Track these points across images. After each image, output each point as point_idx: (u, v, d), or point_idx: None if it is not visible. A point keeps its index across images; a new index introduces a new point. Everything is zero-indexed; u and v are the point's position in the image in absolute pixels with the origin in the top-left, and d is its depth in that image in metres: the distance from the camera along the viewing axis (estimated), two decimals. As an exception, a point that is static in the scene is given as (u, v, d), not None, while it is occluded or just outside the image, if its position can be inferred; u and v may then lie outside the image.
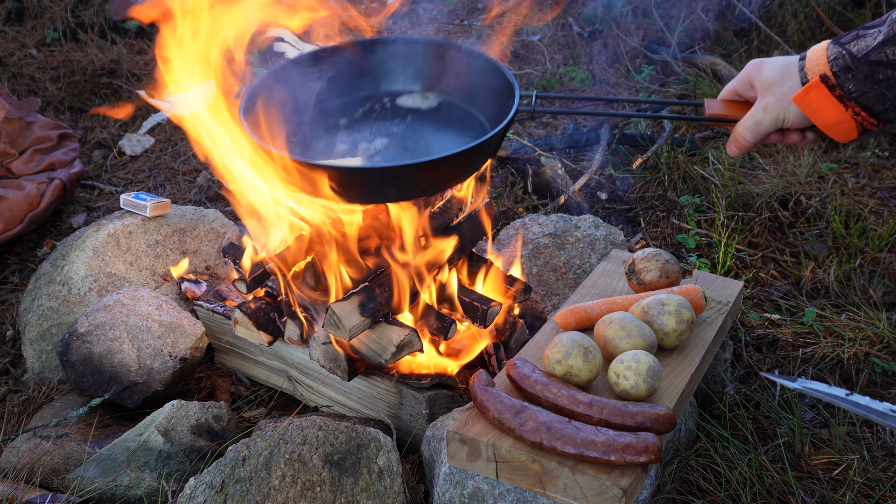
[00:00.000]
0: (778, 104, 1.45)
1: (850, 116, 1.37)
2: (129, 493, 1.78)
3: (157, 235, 2.42)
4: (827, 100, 1.37)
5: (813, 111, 1.40)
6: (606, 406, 1.51)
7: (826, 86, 1.36)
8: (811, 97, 1.39)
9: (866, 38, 1.33)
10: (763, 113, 1.47)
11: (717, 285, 2.02)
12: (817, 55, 1.39)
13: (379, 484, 1.69)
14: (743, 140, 1.52)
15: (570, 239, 2.41)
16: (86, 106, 4.00)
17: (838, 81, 1.35)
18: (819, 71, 1.37)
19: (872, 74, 1.31)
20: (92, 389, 2.01)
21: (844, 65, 1.34)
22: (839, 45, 1.36)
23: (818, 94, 1.38)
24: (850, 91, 1.34)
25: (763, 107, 1.47)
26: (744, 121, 1.51)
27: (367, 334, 1.90)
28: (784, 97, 1.44)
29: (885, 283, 2.60)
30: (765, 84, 1.47)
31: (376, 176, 1.74)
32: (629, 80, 4.15)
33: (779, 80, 1.45)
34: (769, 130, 1.49)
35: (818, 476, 1.90)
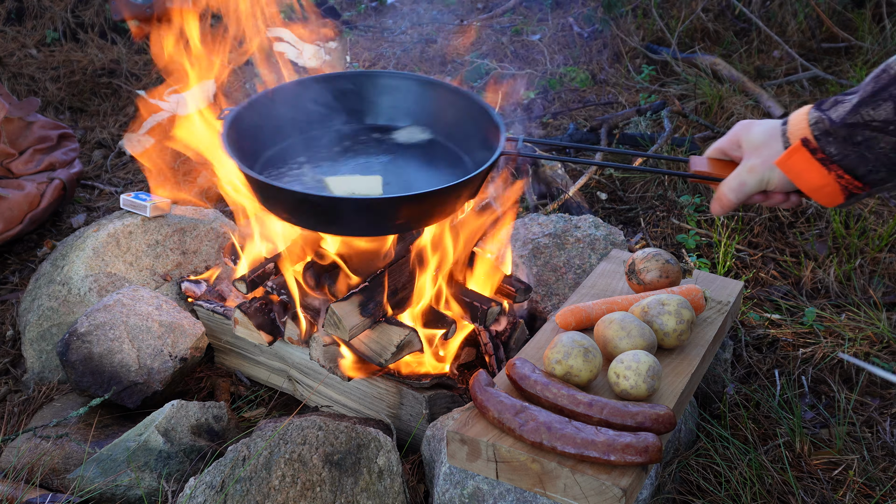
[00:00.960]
0: (763, 166, 1.45)
1: (834, 179, 1.37)
2: (129, 493, 1.78)
3: (157, 235, 2.42)
4: (809, 163, 1.38)
5: (796, 175, 1.40)
6: (606, 406, 1.51)
7: (808, 149, 1.37)
8: (793, 161, 1.39)
9: (844, 103, 1.34)
10: (748, 174, 1.47)
11: (717, 285, 2.03)
12: (799, 119, 1.40)
13: (379, 484, 1.69)
14: (726, 199, 1.52)
15: (570, 239, 2.41)
16: (86, 106, 4.00)
17: (819, 145, 1.36)
18: (801, 135, 1.38)
19: (851, 136, 1.32)
20: (92, 389, 2.01)
21: (825, 129, 1.35)
22: (819, 110, 1.37)
23: (800, 157, 1.38)
24: (832, 154, 1.35)
25: (749, 167, 1.47)
26: (728, 180, 1.51)
27: (367, 334, 1.90)
28: (769, 159, 1.44)
29: (885, 283, 2.60)
30: (752, 145, 1.48)
31: (350, 206, 1.72)
32: (629, 80, 4.15)
33: (765, 142, 1.45)
34: (753, 192, 1.49)
35: (818, 476, 1.90)
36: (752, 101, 3.72)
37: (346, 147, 2.05)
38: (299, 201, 1.72)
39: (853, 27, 4.30)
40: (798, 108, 1.50)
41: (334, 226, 1.78)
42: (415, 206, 1.71)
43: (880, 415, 2.11)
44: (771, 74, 4.07)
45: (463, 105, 2.00)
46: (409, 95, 2.08)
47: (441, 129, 2.05)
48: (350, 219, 1.73)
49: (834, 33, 4.27)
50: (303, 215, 1.78)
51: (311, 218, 1.77)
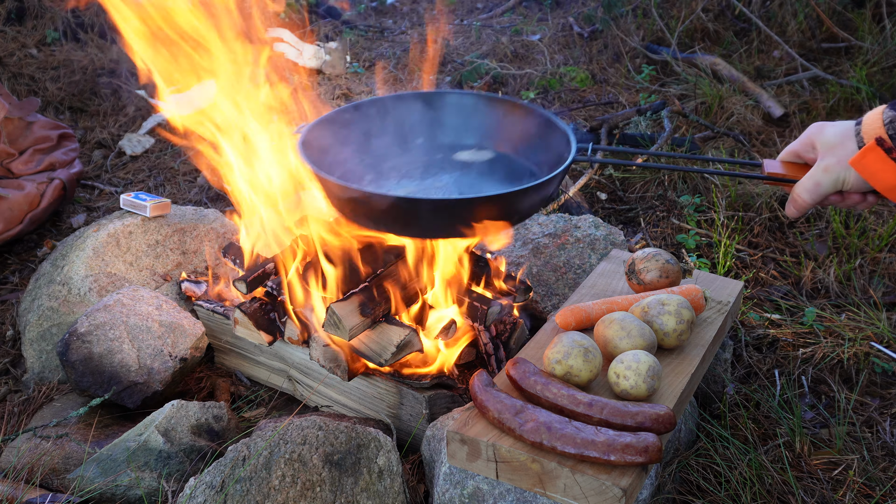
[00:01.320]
0: (838, 165, 1.45)
1: None
2: (129, 493, 1.78)
3: (157, 235, 2.42)
4: (884, 163, 1.37)
5: (871, 174, 1.40)
6: (606, 406, 1.51)
7: (882, 148, 1.37)
8: (868, 160, 1.39)
9: None
10: (823, 174, 1.47)
11: (717, 285, 2.02)
12: (873, 119, 1.40)
13: (379, 484, 1.69)
14: (801, 200, 1.51)
15: (570, 239, 2.41)
16: (86, 106, 4.00)
17: (894, 143, 1.35)
18: (875, 134, 1.38)
19: None
20: (92, 389, 2.01)
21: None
22: (894, 109, 1.37)
23: (875, 157, 1.38)
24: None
25: (823, 167, 1.47)
26: (803, 181, 1.50)
27: (367, 334, 1.90)
28: (844, 159, 1.44)
29: (885, 283, 2.60)
30: (826, 145, 1.47)
31: (428, 207, 1.73)
32: (629, 80, 4.14)
33: (840, 142, 1.45)
34: (829, 192, 1.48)
35: (818, 476, 1.90)
36: (752, 100, 3.72)
37: (417, 164, 2.06)
38: (385, 205, 1.72)
39: (853, 27, 4.30)
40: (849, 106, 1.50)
41: (414, 227, 1.79)
42: (494, 207, 1.70)
43: (880, 415, 2.11)
44: (771, 74, 4.08)
45: (529, 119, 2.00)
46: (475, 113, 2.08)
47: (509, 145, 2.05)
48: (429, 220, 1.74)
49: (834, 33, 4.27)
50: (385, 220, 1.77)
51: (392, 221, 1.77)
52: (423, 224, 1.76)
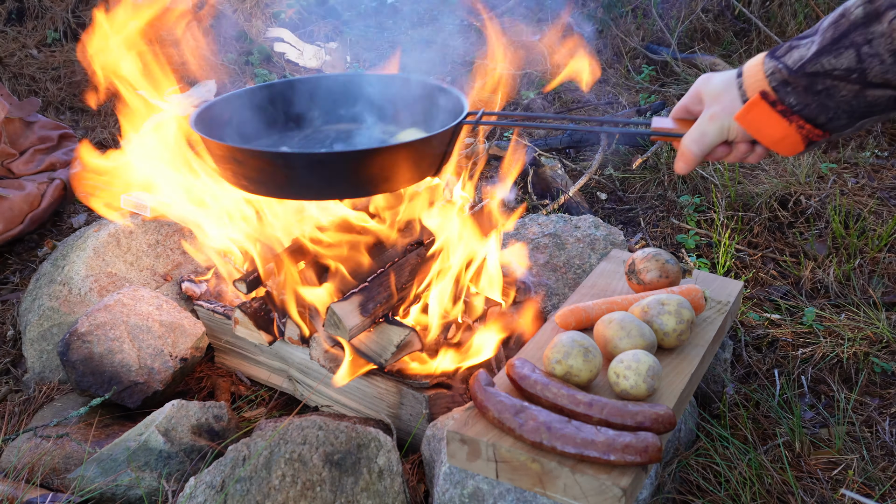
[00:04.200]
0: (723, 113, 1.41)
1: (795, 130, 1.33)
2: (130, 493, 1.78)
3: (157, 235, 2.42)
4: (769, 116, 1.33)
5: (757, 129, 1.36)
6: (606, 406, 1.51)
7: (767, 102, 1.32)
8: (753, 115, 1.35)
9: (800, 48, 1.29)
10: (709, 122, 1.43)
11: (717, 285, 2.03)
12: (754, 71, 1.35)
13: (379, 484, 1.70)
14: (689, 153, 1.47)
15: (570, 239, 2.42)
16: (86, 106, 4.00)
17: (779, 96, 1.31)
18: (758, 87, 1.34)
19: (811, 86, 1.28)
20: (92, 389, 2.01)
21: (782, 78, 1.30)
22: (774, 58, 1.32)
23: (760, 111, 1.34)
24: (792, 105, 1.31)
25: (709, 116, 1.43)
26: (689, 132, 1.46)
27: (366, 334, 1.91)
28: (730, 108, 1.40)
29: (885, 283, 2.60)
30: (712, 95, 1.43)
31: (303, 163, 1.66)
32: (629, 80, 4.15)
33: (724, 90, 1.41)
34: (715, 142, 1.44)
35: (818, 476, 1.90)
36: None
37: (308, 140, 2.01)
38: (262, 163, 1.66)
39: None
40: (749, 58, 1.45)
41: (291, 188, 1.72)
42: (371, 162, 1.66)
43: (880, 415, 2.11)
44: (771, 74, 4.07)
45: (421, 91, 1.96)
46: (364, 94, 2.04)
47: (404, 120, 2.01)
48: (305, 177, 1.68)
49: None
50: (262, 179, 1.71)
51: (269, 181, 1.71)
52: (298, 183, 1.69)
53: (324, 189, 1.72)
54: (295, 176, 1.68)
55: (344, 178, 1.67)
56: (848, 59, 1.24)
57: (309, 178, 1.68)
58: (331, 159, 1.66)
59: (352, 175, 1.66)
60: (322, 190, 1.72)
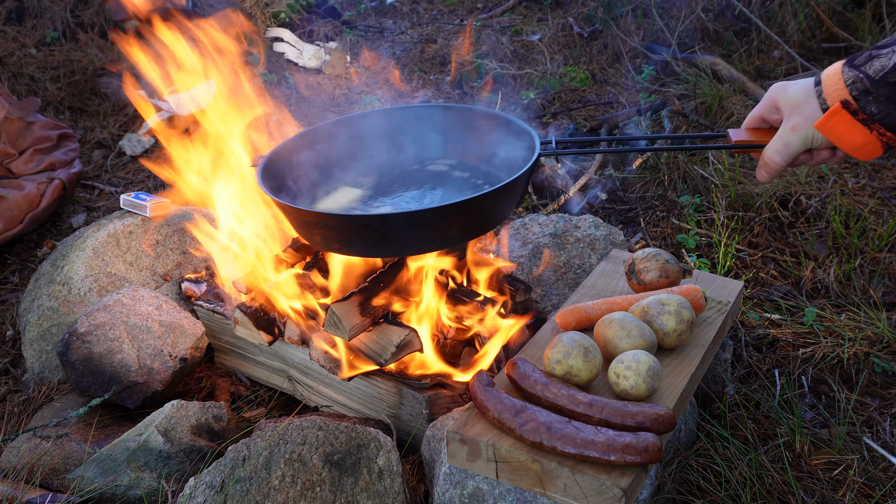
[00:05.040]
0: (805, 124, 1.43)
1: (876, 137, 1.36)
2: (129, 493, 1.78)
3: (157, 235, 2.42)
4: (850, 125, 1.37)
5: (837, 136, 1.39)
6: (606, 406, 1.51)
7: (848, 111, 1.36)
8: (834, 123, 1.38)
9: (881, 58, 1.32)
10: (791, 133, 1.45)
11: (717, 285, 2.03)
12: (833, 79, 1.38)
13: (379, 484, 1.69)
14: (773, 163, 1.50)
15: (570, 239, 2.41)
16: (86, 106, 4.00)
17: (860, 105, 1.35)
18: (839, 96, 1.37)
19: (893, 95, 1.31)
20: (92, 389, 2.01)
21: (864, 88, 1.33)
22: (854, 67, 1.35)
23: (841, 119, 1.37)
24: (873, 113, 1.34)
25: (791, 126, 1.45)
26: (772, 143, 1.49)
27: (366, 334, 1.90)
28: (811, 117, 1.43)
29: (885, 283, 2.60)
30: (791, 104, 1.45)
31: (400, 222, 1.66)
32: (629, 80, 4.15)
33: (804, 100, 1.43)
34: (798, 151, 1.47)
35: (818, 476, 1.90)
36: (752, 100, 3.72)
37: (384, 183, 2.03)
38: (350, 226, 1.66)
39: (853, 27, 4.30)
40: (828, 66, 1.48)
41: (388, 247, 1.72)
42: (466, 212, 1.66)
43: (880, 415, 2.11)
44: (771, 74, 4.08)
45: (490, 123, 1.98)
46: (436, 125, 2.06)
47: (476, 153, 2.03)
48: (402, 235, 1.68)
49: (834, 33, 4.27)
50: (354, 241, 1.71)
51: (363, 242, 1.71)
52: (395, 241, 1.69)
53: (421, 244, 1.71)
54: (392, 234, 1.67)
55: (441, 230, 1.66)
56: None
57: (405, 236, 1.67)
58: (426, 216, 1.64)
59: (448, 226, 1.66)
60: (420, 245, 1.72)
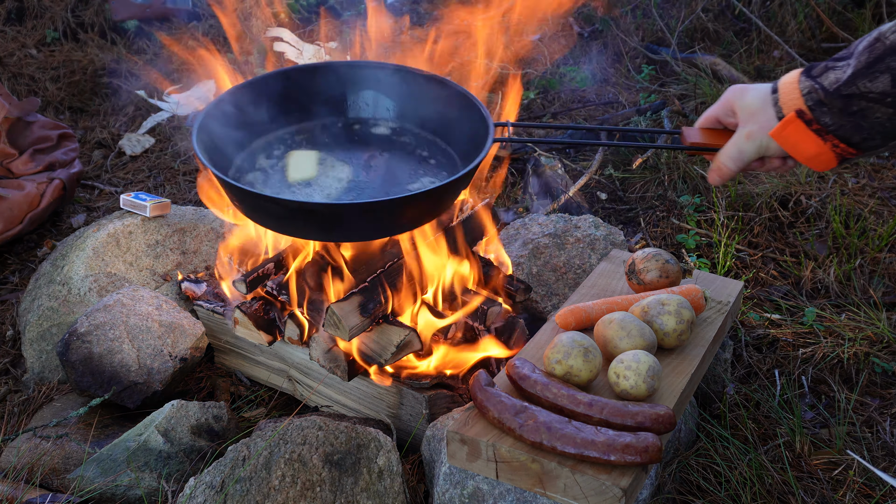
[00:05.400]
0: (760, 132, 1.44)
1: (829, 148, 1.37)
2: (129, 493, 1.78)
3: (157, 235, 2.42)
4: (804, 134, 1.37)
5: (792, 145, 1.40)
6: (606, 406, 1.51)
7: (802, 120, 1.36)
8: (788, 132, 1.38)
9: (836, 70, 1.32)
10: (746, 141, 1.46)
11: (717, 285, 2.02)
12: (790, 88, 1.38)
13: (379, 484, 1.69)
14: (725, 168, 1.50)
15: (570, 239, 2.41)
16: (86, 106, 4.00)
17: (814, 115, 1.35)
18: (794, 106, 1.37)
19: (847, 107, 1.32)
20: (92, 389, 2.01)
21: (818, 99, 1.34)
22: (811, 77, 1.35)
23: (795, 128, 1.37)
24: (827, 124, 1.34)
25: (746, 134, 1.46)
26: (726, 149, 1.49)
27: (366, 334, 1.90)
28: (766, 125, 1.43)
29: (885, 283, 2.60)
30: (747, 111, 1.46)
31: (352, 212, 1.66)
32: (629, 80, 4.14)
33: (760, 108, 1.44)
34: (752, 159, 1.48)
35: (818, 476, 1.90)
36: (752, 101, 3.71)
37: (325, 143, 1.99)
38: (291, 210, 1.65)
39: (853, 27, 4.30)
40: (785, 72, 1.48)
41: (331, 233, 1.71)
42: (418, 204, 1.68)
43: (880, 415, 2.11)
44: (771, 74, 4.07)
45: (445, 94, 1.94)
46: (386, 87, 2.01)
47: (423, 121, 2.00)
48: (349, 224, 1.68)
49: (834, 33, 4.27)
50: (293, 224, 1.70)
51: (304, 226, 1.71)
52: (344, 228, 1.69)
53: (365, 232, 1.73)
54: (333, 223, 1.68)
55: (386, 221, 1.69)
56: (883, 83, 1.28)
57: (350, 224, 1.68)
58: (375, 207, 1.65)
59: (395, 218, 1.69)
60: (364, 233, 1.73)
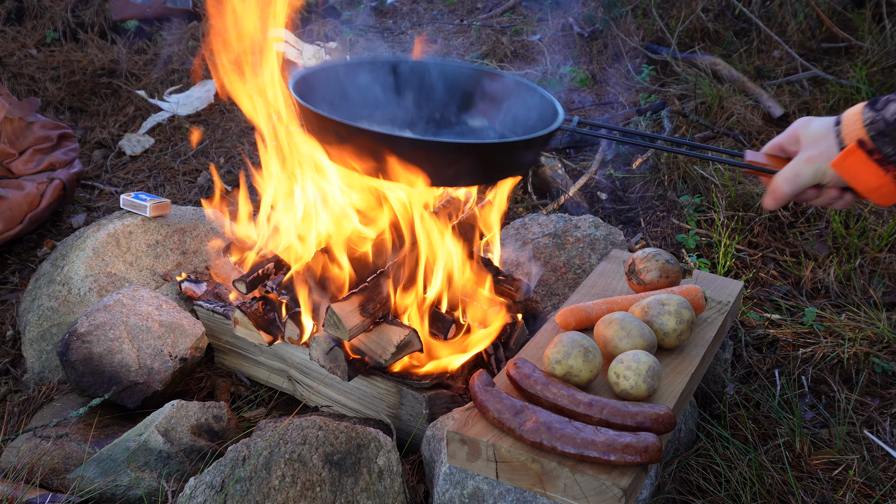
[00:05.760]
0: (820, 157, 1.44)
1: (891, 180, 1.37)
2: (129, 493, 1.78)
3: (157, 235, 2.42)
4: (865, 164, 1.38)
5: (852, 176, 1.40)
6: (606, 406, 1.51)
7: (864, 150, 1.37)
8: (849, 162, 1.39)
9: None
10: (805, 164, 1.46)
11: (717, 285, 2.02)
12: (852, 119, 1.40)
13: (379, 484, 1.69)
14: (780, 191, 1.50)
15: (570, 239, 2.41)
16: (86, 106, 4.00)
17: (876, 145, 1.36)
18: (856, 136, 1.38)
19: None
20: (92, 389, 2.01)
21: (880, 129, 1.35)
22: (874, 109, 1.37)
23: (856, 158, 1.38)
24: (889, 155, 1.36)
25: (806, 158, 1.46)
26: (784, 171, 1.50)
27: (366, 334, 1.90)
28: (826, 152, 1.44)
29: (885, 283, 2.60)
30: (810, 138, 1.47)
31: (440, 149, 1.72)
32: (629, 80, 4.14)
33: (823, 136, 1.45)
34: (808, 184, 1.48)
35: (818, 476, 1.90)
36: (751, 100, 3.72)
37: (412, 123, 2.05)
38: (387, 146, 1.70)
39: (853, 27, 4.30)
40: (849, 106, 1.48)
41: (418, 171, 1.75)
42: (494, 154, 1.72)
43: (880, 415, 2.11)
44: (771, 74, 4.07)
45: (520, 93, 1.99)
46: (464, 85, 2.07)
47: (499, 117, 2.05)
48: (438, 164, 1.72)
49: (834, 33, 4.27)
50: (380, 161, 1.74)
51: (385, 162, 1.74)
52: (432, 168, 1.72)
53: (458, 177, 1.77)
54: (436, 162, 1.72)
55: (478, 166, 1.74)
56: None
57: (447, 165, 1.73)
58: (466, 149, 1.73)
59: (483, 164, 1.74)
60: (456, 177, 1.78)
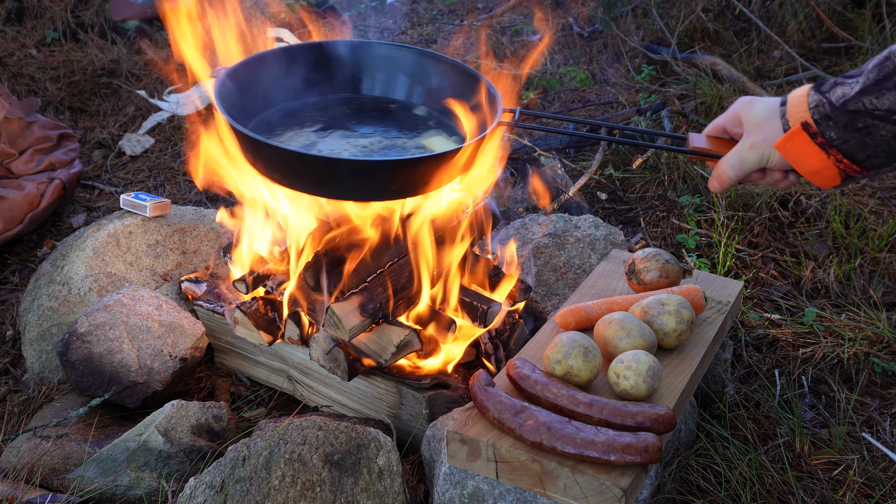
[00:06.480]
0: (764, 143, 1.44)
1: (833, 164, 1.37)
2: (129, 493, 1.78)
3: (157, 235, 2.42)
4: (808, 147, 1.37)
5: (795, 158, 1.40)
6: (606, 406, 1.51)
7: (807, 133, 1.36)
8: (793, 144, 1.39)
9: (845, 86, 1.33)
10: (749, 150, 1.46)
11: (717, 285, 2.03)
12: (798, 101, 1.39)
13: (379, 484, 1.69)
14: (725, 176, 1.51)
15: (570, 239, 2.42)
16: (86, 106, 4.00)
17: (819, 129, 1.35)
18: (800, 118, 1.38)
19: (852, 123, 1.32)
20: (92, 389, 2.01)
21: (825, 113, 1.34)
22: (819, 92, 1.36)
23: (800, 141, 1.38)
24: (832, 139, 1.35)
25: (749, 144, 1.46)
26: (728, 157, 1.50)
27: (366, 334, 1.90)
28: (770, 137, 1.43)
29: (885, 283, 2.60)
30: (753, 122, 1.46)
31: (348, 168, 1.71)
32: (629, 80, 4.14)
33: (766, 120, 1.44)
34: (753, 169, 1.48)
35: (818, 476, 1.90)
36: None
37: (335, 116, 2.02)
38: (294, 161, 1.70)
39: (853, 27, 4.30)
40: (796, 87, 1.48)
41: (328, 189, 1.77)
42: (413, 170, 1.70)
43: (880, 415, 2.11)
44: (771, 74, 4.08)
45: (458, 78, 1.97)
46: (403, 67, 2.06)
47: (435, 103, 2.03)
48: (345, 181, 1.72)
49: (834, 33, 4.27)
50: (296, 177, 1.76)
51: (305, 180, 1.76)
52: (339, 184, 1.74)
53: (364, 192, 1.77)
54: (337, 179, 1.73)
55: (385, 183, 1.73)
56: (889, 101, 1.28)
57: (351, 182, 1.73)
58: (374, 167, 1.71)
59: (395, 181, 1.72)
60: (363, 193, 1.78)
